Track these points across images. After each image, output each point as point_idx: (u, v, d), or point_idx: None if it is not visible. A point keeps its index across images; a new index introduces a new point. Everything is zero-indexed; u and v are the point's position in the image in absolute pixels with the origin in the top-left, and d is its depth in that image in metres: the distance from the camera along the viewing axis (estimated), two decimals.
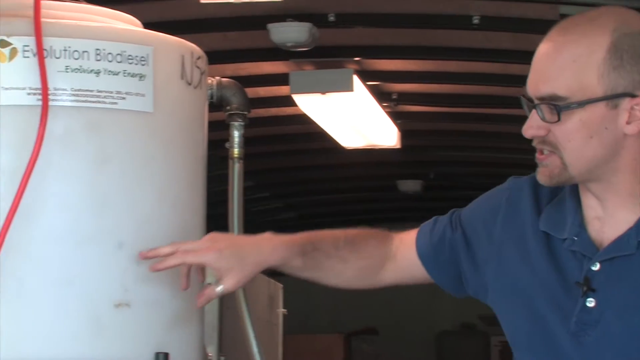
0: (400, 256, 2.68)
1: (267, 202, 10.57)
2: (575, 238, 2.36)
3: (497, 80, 7.01)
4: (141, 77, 2.74)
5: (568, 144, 2.31)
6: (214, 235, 2.68)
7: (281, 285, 7.06)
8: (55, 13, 2.75)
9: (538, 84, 2.33)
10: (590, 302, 2.30)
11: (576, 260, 2.35)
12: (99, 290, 2.67)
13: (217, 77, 3.12)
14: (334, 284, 2.73)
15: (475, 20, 5.66)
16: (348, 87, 6.37)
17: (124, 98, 2.71)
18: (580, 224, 2.37)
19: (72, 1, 2.89)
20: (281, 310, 7.10)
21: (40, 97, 2.62)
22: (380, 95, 7.20)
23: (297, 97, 6.61)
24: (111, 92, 2.70)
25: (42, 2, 2.65)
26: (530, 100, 2.35)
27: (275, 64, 6.53)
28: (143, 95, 2.74)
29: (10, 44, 2.64)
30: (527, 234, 2.44)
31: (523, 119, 7.43)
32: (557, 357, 2.34)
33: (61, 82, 2.66)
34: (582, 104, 2.28)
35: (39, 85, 2.62)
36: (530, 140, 2.38)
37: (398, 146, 7.94)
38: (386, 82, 7.21)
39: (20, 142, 2.61)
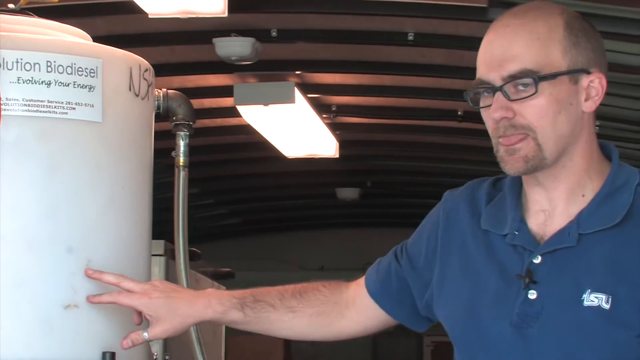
0: (358, 301, 2.59)
1: (212, 209, 10.54)
2: (516, 232, 2.31)
3: (430, 94, 7.05)
4: (90, 88, 2.73)
5: (541, 120, 2.25)
6: (159, 282, 2.64)
7: (224, 288, 7.04)
8: (7, 26, 2.74)
9: (503, 64, 2.26)
10: (532, 294, 2.26)
11: (517, 254, 2.30)
12: (49, 292, 2.64)
13: (164, 89, 3.11)
14: (289, 337, 2.66)
15: (410, 37, 5.69)
16: (289, 99, 6.38)
17: (74, 108, 2.70)
18: (521, 219, 2.33)
19: (24, 15, 2.87)
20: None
21: None
22: (320, 107, 7.21)
23: (241, 108, 6.60)
24: (61, 103, 2.69)
25: None
26: (488, 85, 2.28)
27: (220, 76, 6.53)
28: (92, 105, 2.73)
29: None
30: (467, 239, 2.40)
31: (454, 130, 7.46)
32: (496, 351, 2.29)
33: (13, 93, 2.64)
34: (554, 75, 2.24)
35: None
36: (463, 150, 2.37)
37: (337, 156, 7.95)
38: (326, 95, 7.23)
39: None
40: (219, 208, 10.75)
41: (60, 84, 2.69)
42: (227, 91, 6.55)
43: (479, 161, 9.02)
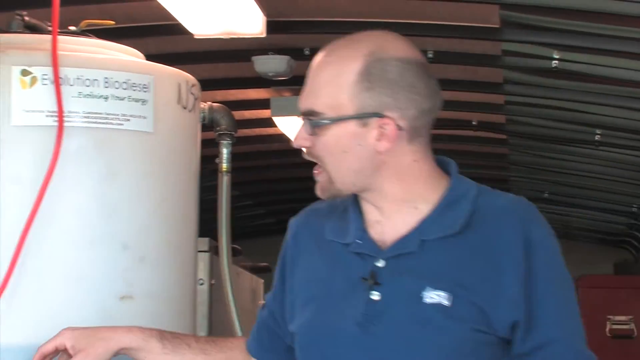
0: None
1: (251, 210, 10.55)
2: (359, 241, 2.25)
3: (447, 106, 7.01)
4: (143, 102, 2.74)
5: (326, 158, 2.22)
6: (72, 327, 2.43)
7: (262, 281, 7.06)
8: (69, 47, 2.75)
9: (301, 99, 2.23)
10: (375, 295, 2.19)
11: (362, 260, 2.23)
12: (106, 285, 2.66)
13: (209, 102, 3.12)
14: None
15: (430, 55, 5.68)
16: None
17: (128, 120, 2.71)
18: (363, 229, 2.26)
19: (84, 36, 2.88)
20: (262, 302, 7.07)
21: (56, 118, 2.61)
22: None
23: (276, 119, 6.61)
24: (117, 115, 2.69)
25: (58, 37, 2.64)
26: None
27: (259, 90, 6.53)
28: (145, 117, 2.73)
29: (30, 73, 2.63)
30: (314, 252, 2.34)
31: (469, 139, 7.42)
32: (342, 351, 2.21)
33: (74, 106, 2.65)
34: (333, 120, 2.18)
35: (55, 108, 2.61)
36: (477, 156, 2.34)
37: None
38: None
39: (39, 157, 2.60)
40: (257, 209, 10.77)
41: (116, 98, 2.70)
42: (264, 104, 6.56)
43: (491, 166, 9.00)
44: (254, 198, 10.14)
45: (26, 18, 2.87)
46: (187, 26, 4.48)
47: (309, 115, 2.21)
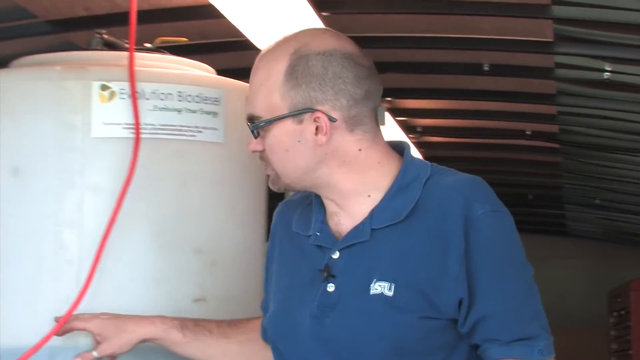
0: None
1: None
2: (318, 233, 2.23)
3: (502, 116, 6.99)
4: (214, 114, 2.75)
5: (271, 157, 2.21)
6: (106, 313, 2.49)
7: None
8: (145, 62, 2.77)
9: (245, 105, 2.25)
10: (330, 287, 2.17)
11: (321, 252, 2.21)
12: (181, 287, 2.67)
13: None
14: None
15: (486, 68, 5.65)
16: (382, 121, 6.31)
17: (200, 131, 2.72)
18: (323, 220, 2.24)
19: (159, 53, 2.91)
20: None
21: (133, 131, 2.63)
22: (407, 129, 7.19)
23: None
24: (190, 127, 2.71)
25: (134, 54, 2.66)
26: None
27: None
28: (216, 129, 2.75)
29: (109, 87, 2.66)
30: (285, 244, 2.33)
31: (523, 148, 7.36)
32: (299, 341, 2.20)
33: (150, 119, 2.67)
34: (269, 121, 2.18)
35: (132, 121, 2.63)
36: (531, 165, 2.29)
37: None
38: (412, 118, 7.21)
39: (117, 167, 2.62)
40: None
41: (189, 111, 2.71)
42: None
43: (544, 174, 8.93)
44: None
45: (105, 36, 2.90)
46: (254, 42, 4.50)
47: (251, 120, 2.22)
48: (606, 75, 5.49)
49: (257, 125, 2.20)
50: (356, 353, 2.13)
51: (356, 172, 2.20)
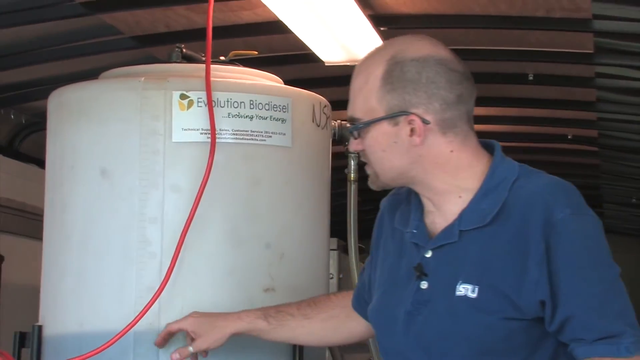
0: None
1: (371, 213, 10.53)
2: (415, 231, 2.18)
3: (546, 122, 6.92)
4: (283, 120, 2.75)
5: (370, 157, 2.17)
6: (197, 312, 2.50)
7: None
8: (220, 74, 2.78)
9: (347, 108, 2.20)
10: (424, 285, 2.12)
11: (416, 249, 2.16)
12: (253, 278, 2.67)
13: (338, 120, 3.12)
14: (309, 342, 2.52)
15: (530, 77, 5.59)
16: None
17: (270, 136, 2.72)
18: (420, 218, 2.19)
19: (232, 65, 2.91)
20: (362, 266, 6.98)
21: (209, 135, 2.64)
22: None
23: None
24: (261, 132, 2.71)
25: (210, 66, 2.67)
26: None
27: None
28: (284, 134, 2.75)
29: (188, 97, 2.67)
30: (388, 238, 2.28)
31: (564, 151, 7.22)
32: (395, 335, 2.15)
33: (225, 125, 2.68)
34: (366, 123, 2.14)
35: (208, 127, 2.64)
36: (572, 167, 2.22)
37: None
38: None
39: (195, 168, 2.63)
40: (376, 213, 10.75)
41: (260, 117, 2.71)
42: None
43: (584, 175, 8.83)
44: (374, 203, 10.13)
45: (184, 50, 2.92)
46: (318, 55, 4.50)
47: (351, 122, 2.18)
48: None
49: (356, 127, 2.17)
50: (443, 350, 2.09)
51: (448, 173, 2.15)
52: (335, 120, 3.09)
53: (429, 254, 2.14)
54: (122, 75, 2.84)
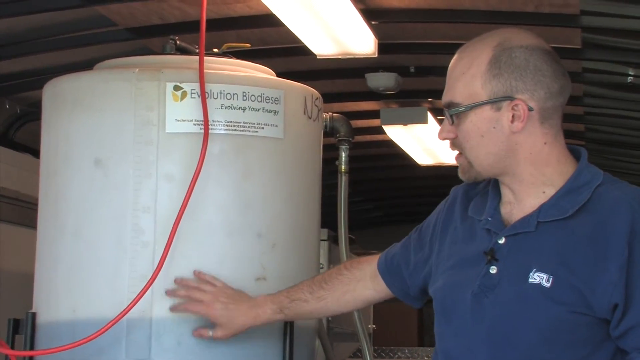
0: (377, 274, 2.49)
1: (362, 204, 10.54)
2: (490, 218, 2.18)
3: None
4: (275, 112, 2.75)
5: (466, 143, 2.16)
6: (224, 292, 2.57)
7: None
8: (213, 66, 2.78)
9: (443, 94, 2.19)
10: (493, 269, 2.12)
11: (489, 236, 2.16)
12: (244, 268, 2.67)
13: (330, 113, 3.12)
14: (326, 316, 2.57)
15: None
16: (424, 121, 6.32)
17: (262, 128, 2.72)
18: (496, 208, 2.19)
19: (225, 57, 2.91)
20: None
21: (202, 126, 2.64)
22: None
23: (386, 128, 6.59)
24: (253, 124, 2.71)
25: (204, 58, 2.67)
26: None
27: (370, 103, 6.52)
28: (276, 126, 2.75)
29: (181, 88, 2.67)
30: (457, 224, 2.28)
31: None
32: (460, 316, 2.16)
33: (218, 116, 2.67)
34: (468, 107, 2.13)
35: (201, 118, 2.64)
36: None
37: None
38: None
39: (188, 159, 2.63)
40: (366, 204, 10.75)
41: (252, 109, 2.71)
42: (375, 114, 6.54)
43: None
44: (364, 195, 10.13)
45: (178, 42, 2.91)
46: (311, 48, 4.49)
47: (449, 107, 2.17)
48: (629, 79, 5.43)
49: (457, 110, 2.16)
50: (507, 336, 2.09)
51: (537, 166, 2.15)
52: (326, 113, 3.09)
53: (502, 240, 2.14)
54: (117, 67, 2.83)
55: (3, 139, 5.29)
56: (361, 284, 2.50)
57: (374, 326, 6.84)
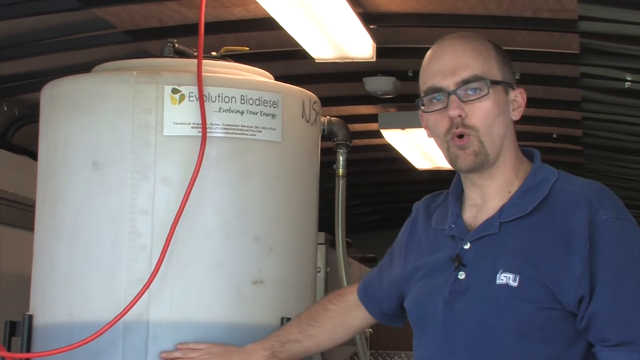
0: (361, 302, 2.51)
1: (359, 208, 10.54)
2: (453, 225, 2.20)
3: (532, 121, 6.94)
4: (273, 116, 2.75)
5: (485, 120, 2.12)
6: (212, 350, 2.57)
7: (369, 270, 7.03)
8: (211, 69, 2.78)
9: (456, 72, 2.13)
10: (461, 275, 2.14)
11: (454, 242, 2.18)
12: (241, 271, 2.67)
13: (328, 116, 3.12)
14: (320, 351, 2.57)
15: (517, 76, 5.59)
16: (421, 125, 6.34)
17: (260, 131, 2.72)
18: (458, 214, 2.21)
19: (223, 60, 2.91)
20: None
21: (200, 130, 2.64)
22: None
23: (383, 132, 6.59)
24: (251, 127, 2.71)
25: (202, 61, 2.67)
26: (440, 91, 2.16)
27: (368, 107, 6.52)
28: (274, 129, 2.75)
29: (179, 91, 2.67)
30: (422, 238, 2.30)
31: (550, 150, 7.19)
32: (433, 324, 2.17)
33: (216, 119, 2.67)
34: (498, 82, 2.14)
35: (199, 121, 2.64)
36: (557, 165, 2.25)
37: None
38: None
39: (185, 162, 2.63)
40: (364, 207, 10.75)
41: (250, 112, 2.71)
42: (373, 118, 6.54)
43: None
44: (362, 198, 10.13)
45: (176, 45, 2.91)
46: (309, 51, 4.49)
47: (472, 82, 2.13)
48: (627, 84, 5.43)
49: (486, 82, 2.13)
50: (482, 337, 2.11)
51: (515, 159, 2.19)
52: (325, 117, 3.09)
53: (467, 246, 2.16)
54: (115, 69, 2.83)
55: (1, 141, 5.28)
56: (350, 314, 2.52)
57: (370, 330, 6.83)
